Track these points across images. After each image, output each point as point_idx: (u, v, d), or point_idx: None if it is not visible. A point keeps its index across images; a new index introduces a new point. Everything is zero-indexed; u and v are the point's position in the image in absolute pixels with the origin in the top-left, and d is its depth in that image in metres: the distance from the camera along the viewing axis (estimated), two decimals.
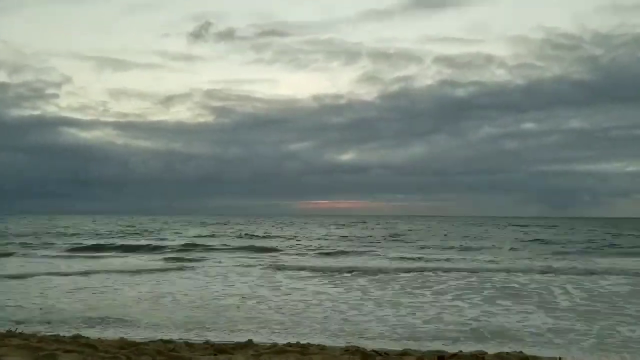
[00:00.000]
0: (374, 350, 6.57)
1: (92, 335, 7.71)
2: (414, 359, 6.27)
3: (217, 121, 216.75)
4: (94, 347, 6.28)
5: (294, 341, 7.21)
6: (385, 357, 6.28)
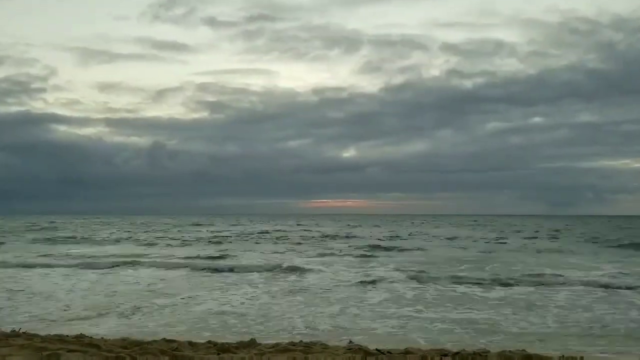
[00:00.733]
0: (376, 349, 6.58)
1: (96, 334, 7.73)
2: (417, 357, 6.28)
3: (212, 117, 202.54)
4: (98, 347, 6.31)
5: (297, 340, 7.23)
6: (387, 356, 6.29)
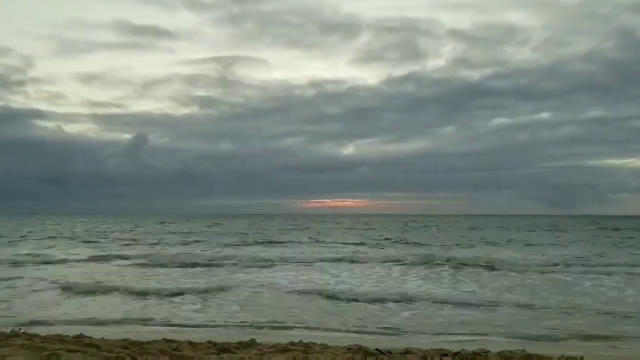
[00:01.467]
0: (376, 348, 6.58)
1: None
2: (417, 357, 6.27)
3: (203, 112, 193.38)
4: (97, 347, 6.30)
5: (297, 340, 7.22)
6: (387, 356, 6.29)
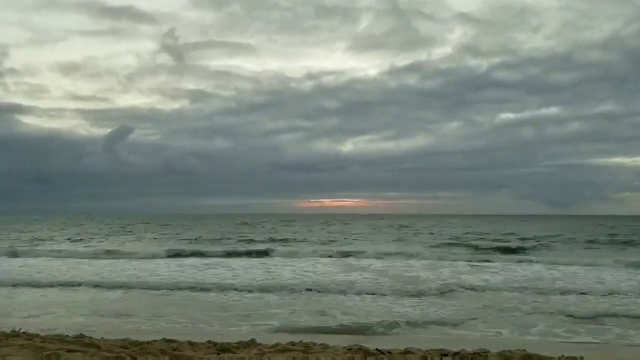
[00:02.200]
0: (377, 348, 6.58)
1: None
2: (417, 357, 6.27)
3: (193, 106, 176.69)
4: (97, 347, 6.30)
5: (297, 340, 7.23)
6: (387, 356, 6.29)
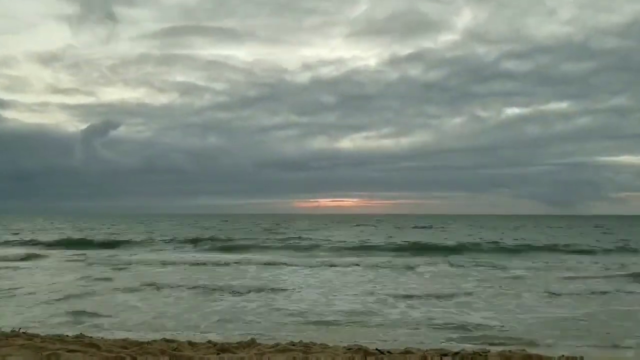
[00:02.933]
0: (377, 348, 6.58)
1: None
2: (417, 357, 6.27)
3: (183, 100, 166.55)
4: (97, 347, 6.30)
5: (297, 340, 7.23)
6: (387, 356, 6.29)
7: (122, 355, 5.83)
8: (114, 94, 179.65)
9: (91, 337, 7.16)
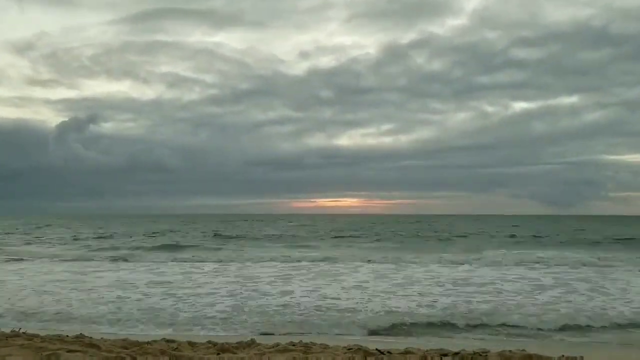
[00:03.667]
0: (377, 349, 6.57)
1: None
2: (417, 357, 6.27)
3: (170, 94, 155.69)
4: (97, 347, 6.30)
5: (297, 340, 7.23)
6: (387, 356, 6.29)
7: (122, 355, 5.83)
8: (96, 86, 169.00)
9: (91, 337, 7.16)
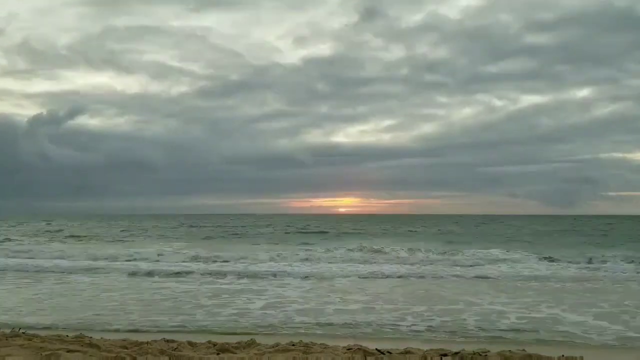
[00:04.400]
0: (376, 348, 6.57)
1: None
2: (417, 357, 6.27)
3: (157, 87, 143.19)
4: (97, 347, 6.30)
5: (297, 340, 7.23)
6: (387, 356, 6.29)
7: (122, 355, 5.83)
8: (76, 77, 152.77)
9: (91, 337, 7.15)
